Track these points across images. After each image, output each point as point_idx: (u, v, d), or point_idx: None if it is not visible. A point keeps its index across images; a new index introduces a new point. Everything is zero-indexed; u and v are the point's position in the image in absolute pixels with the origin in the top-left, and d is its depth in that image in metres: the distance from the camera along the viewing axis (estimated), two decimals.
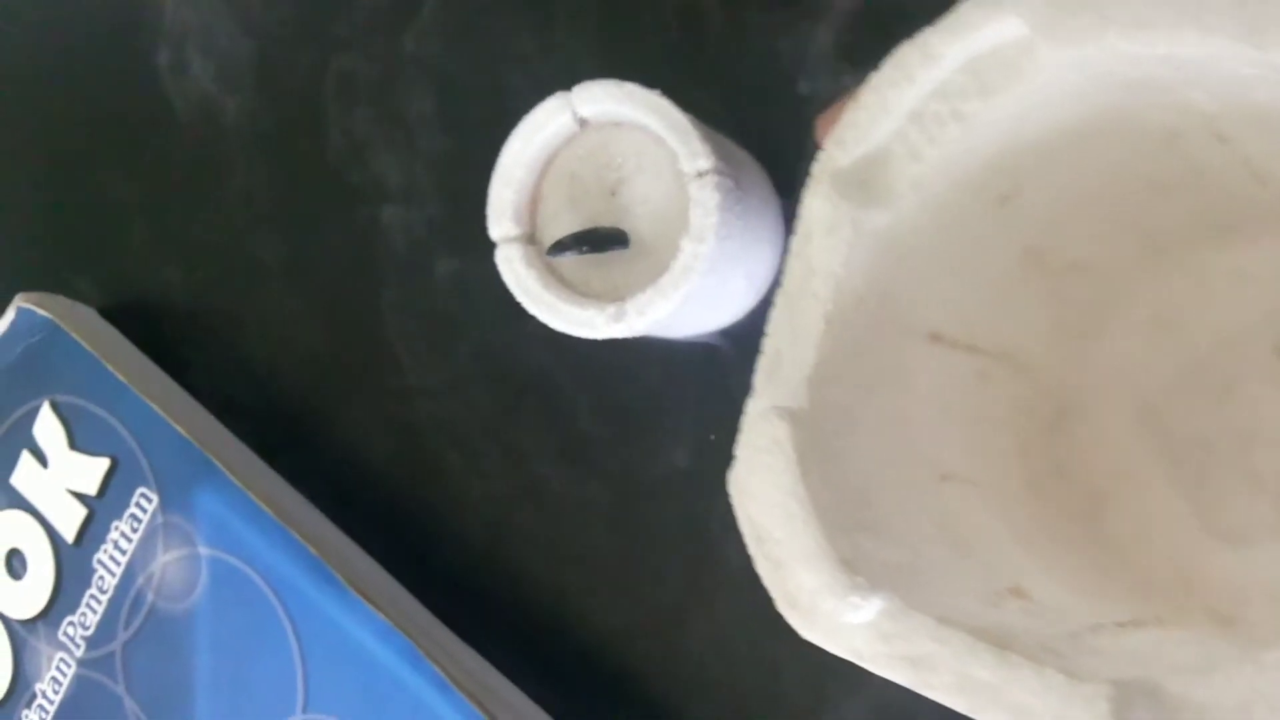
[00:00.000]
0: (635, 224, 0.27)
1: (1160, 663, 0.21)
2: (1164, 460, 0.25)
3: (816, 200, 0.22)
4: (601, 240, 0.27)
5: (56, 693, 0.37)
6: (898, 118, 0.21)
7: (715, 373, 0.31)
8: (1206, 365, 0.24)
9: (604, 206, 0.27)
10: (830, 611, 0.20)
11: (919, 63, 0.21)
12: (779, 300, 0.23)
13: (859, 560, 0.20)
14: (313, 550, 0.32)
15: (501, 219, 0.27)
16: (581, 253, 0.26)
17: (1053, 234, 0.24)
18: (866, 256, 0.22)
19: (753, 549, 0.21)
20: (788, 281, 0.23)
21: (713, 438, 0.31)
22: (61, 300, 0.39)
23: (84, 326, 0.38)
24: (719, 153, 0.26)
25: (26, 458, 0.37)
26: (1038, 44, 0.19)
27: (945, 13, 0.21)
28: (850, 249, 0.22)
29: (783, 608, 0.21)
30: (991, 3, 0.20)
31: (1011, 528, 0.24)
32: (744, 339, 0.30)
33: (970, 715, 0.20)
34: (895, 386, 0.24)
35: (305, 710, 0.32)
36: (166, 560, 0.34)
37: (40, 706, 0.37)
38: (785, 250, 0.30)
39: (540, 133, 0.27)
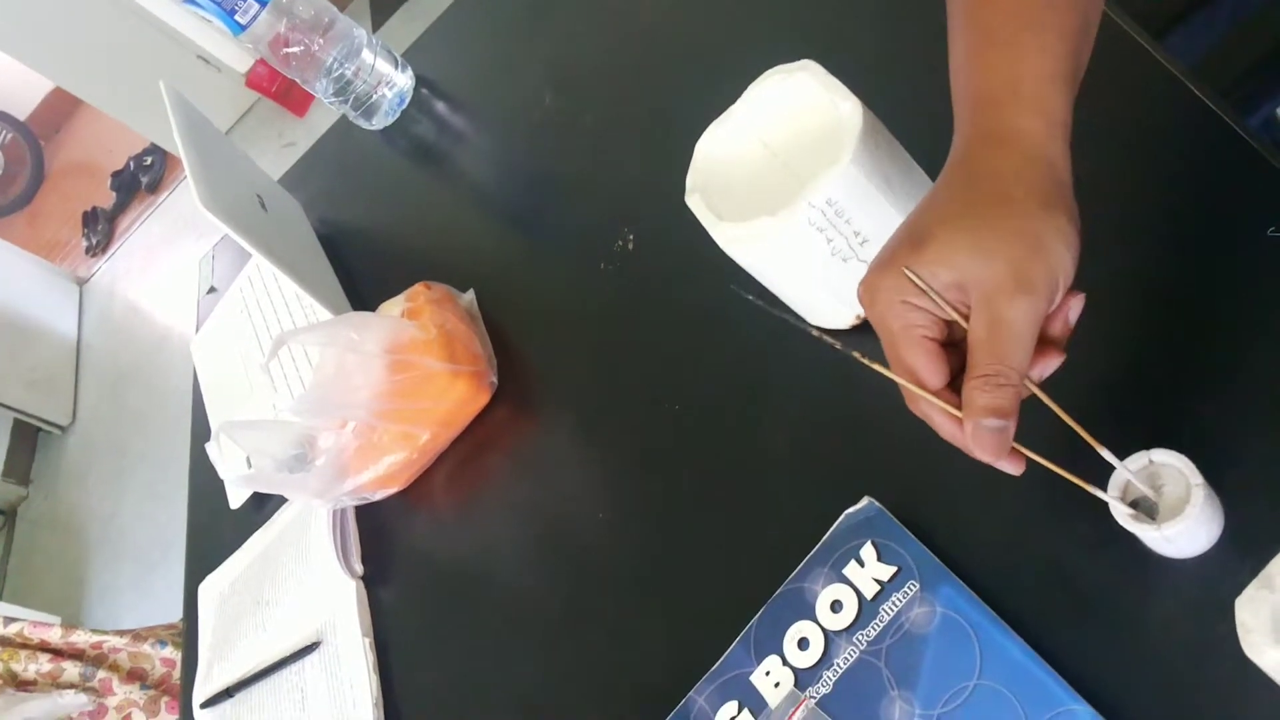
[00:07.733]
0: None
1: None
2: None
3: None
4: None
5: (844, 665, 0.82)
6: None
7: None
8: None
9: None
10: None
11: None
12: None
13: None
14: (989, 608, 0.76)
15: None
16: None
17: None
18: None
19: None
20: None
21: None
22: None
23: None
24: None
25: (853, 563, 0.85)
26: None
27: None
28: None
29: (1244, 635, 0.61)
30: None
31: None
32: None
33: None
34: None
35: (979, 677, 0.74)
36: (918, 611, 0.79)
37: (827, 677, 0.82)
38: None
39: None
